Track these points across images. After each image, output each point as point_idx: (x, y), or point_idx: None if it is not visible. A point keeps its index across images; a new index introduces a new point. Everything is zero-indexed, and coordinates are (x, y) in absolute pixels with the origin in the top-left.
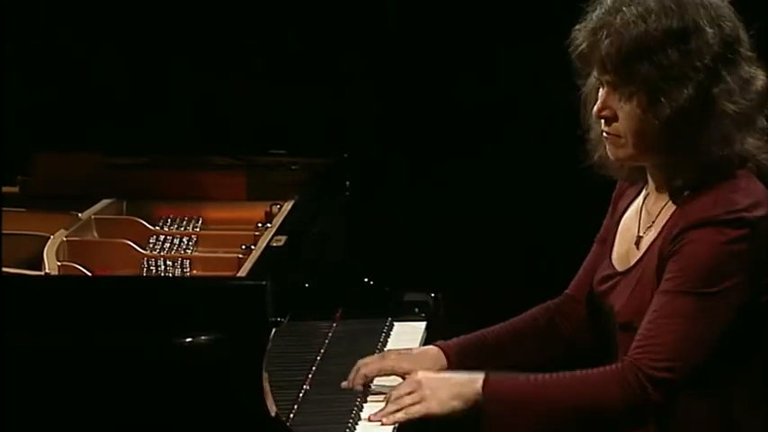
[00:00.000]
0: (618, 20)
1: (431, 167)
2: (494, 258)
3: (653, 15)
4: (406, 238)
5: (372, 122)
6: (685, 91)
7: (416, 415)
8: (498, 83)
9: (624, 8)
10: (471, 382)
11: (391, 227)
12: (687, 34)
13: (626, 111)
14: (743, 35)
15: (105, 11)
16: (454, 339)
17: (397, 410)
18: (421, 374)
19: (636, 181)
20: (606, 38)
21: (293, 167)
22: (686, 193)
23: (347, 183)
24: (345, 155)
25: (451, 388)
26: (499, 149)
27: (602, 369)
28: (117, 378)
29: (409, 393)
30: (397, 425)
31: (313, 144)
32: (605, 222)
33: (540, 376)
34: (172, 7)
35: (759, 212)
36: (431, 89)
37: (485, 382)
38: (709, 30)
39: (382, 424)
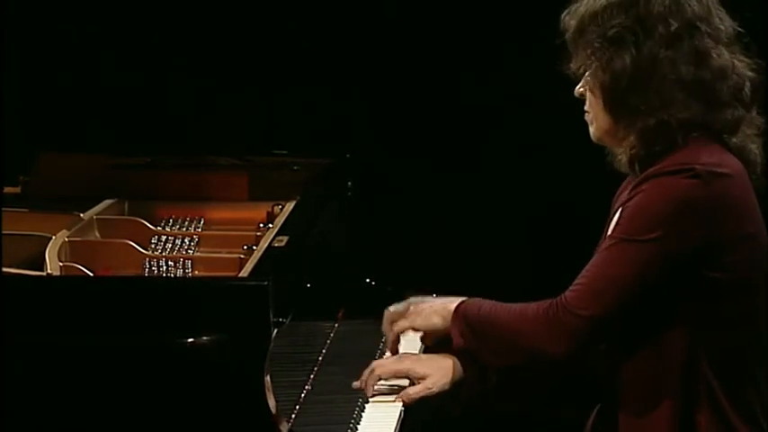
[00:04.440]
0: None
1: (432, 167)
2: (495, 258)
3: None
4: (407, 239)
5: (374, 123)
6: (625, 55)
7: (402, 329)
8: (501, 84)
9: None
10: (450, 302)
11: (393, 227)
12: (633, 3)
13: (588, 84)
14: (715, 20)
15: (108, 11)
16: None
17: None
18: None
19: None
20: (571, 18)
21: (295, 168)
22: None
23: (349, 183)
24: (347, 155)
25: (434, 306)
26: (501, 150)
27: (537, 303)
28: (119, 378)
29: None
30: (400, 422)
31: (315, 144)
32: (604, 231)
33: (501, 305)
34: (173, 8)
35: (715, 168)
36: (433, 89)
37: (459, 303)
38: (659, 2)
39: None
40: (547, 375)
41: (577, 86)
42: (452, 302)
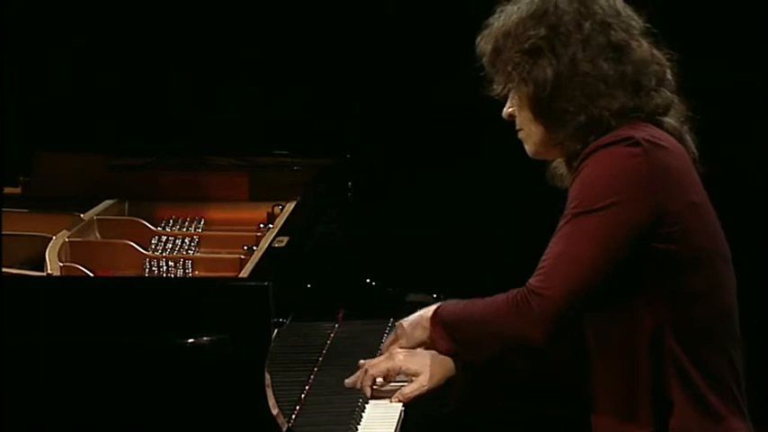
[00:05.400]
0: (493, 23)
1: (432, 168)
2: (495, 259)
3: (516, 9)
4: (407, 239)
5: (374, 123)
6: (545, 63)
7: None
8: None
9: (498, 11)
10: (427, 311)
11: (392, 227)
12: (543, 14)
13: (515, 102)
14: (624, 16)
15: (108, 11)
16: None
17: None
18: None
19: None
20: (486, 42)
21: (295, 168)
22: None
23: (349, 183)
24: (347, 155)
25: (412, 321)
26: (501, 151)
27: (507, 292)
28: (119, 379)
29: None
30: (400, 422)
31: (315, 144)
32: None
33: (473, 301)
34: (173, 8)
35: (654, 139)
36: (433, 90)
37: (435, 308)
38: (568, 8)
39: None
40: (523, 364)
41: (505, 108)
42: (429, 311)
